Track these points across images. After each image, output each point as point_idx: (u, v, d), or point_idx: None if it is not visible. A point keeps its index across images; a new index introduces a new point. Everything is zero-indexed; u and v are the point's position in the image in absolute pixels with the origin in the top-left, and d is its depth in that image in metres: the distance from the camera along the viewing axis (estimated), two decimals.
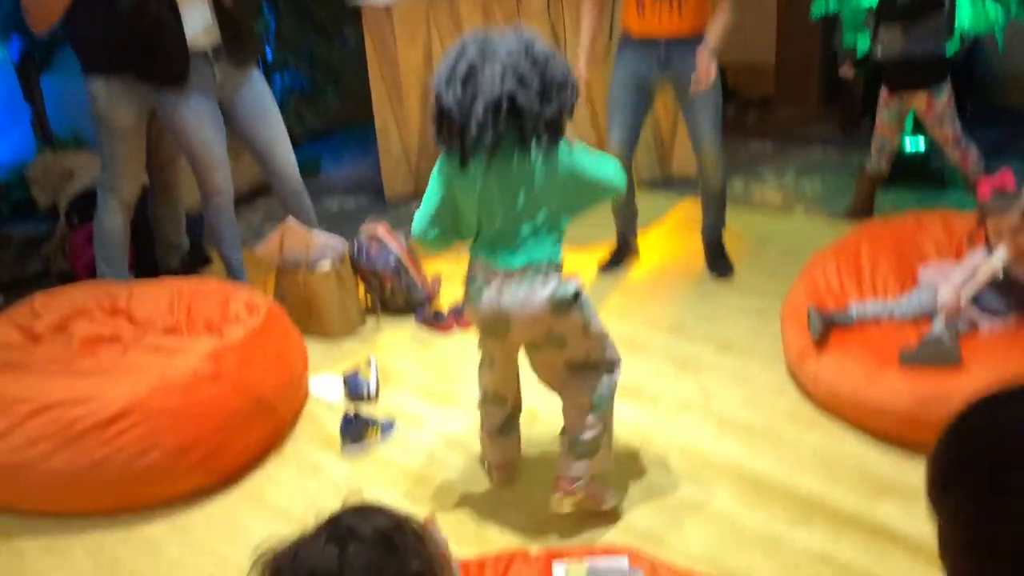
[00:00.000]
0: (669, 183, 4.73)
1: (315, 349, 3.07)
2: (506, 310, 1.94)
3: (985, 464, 0.73)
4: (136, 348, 2.68)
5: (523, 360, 2.18)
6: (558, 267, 1.98)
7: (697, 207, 3.62)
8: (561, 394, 2.14)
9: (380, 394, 2.85)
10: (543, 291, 1.92)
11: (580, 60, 3.22)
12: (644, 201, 3.83)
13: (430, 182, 1.99)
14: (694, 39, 3.08)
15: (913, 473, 2.29)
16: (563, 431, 2.17)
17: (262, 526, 2.29)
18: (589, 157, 1.99)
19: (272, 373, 2.63)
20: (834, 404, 2.54)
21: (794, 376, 2.74)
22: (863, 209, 4.05)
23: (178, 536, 2.33)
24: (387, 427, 2.63)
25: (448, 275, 3.66)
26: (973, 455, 0.75)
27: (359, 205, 4.90)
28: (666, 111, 4.60)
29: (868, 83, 4.70)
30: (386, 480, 2.47)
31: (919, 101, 3.79)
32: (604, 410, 2.12)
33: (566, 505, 2.14)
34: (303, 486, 2.48)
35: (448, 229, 2.01)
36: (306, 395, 2.87)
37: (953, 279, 2.56)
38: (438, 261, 3.83)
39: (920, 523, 2.10)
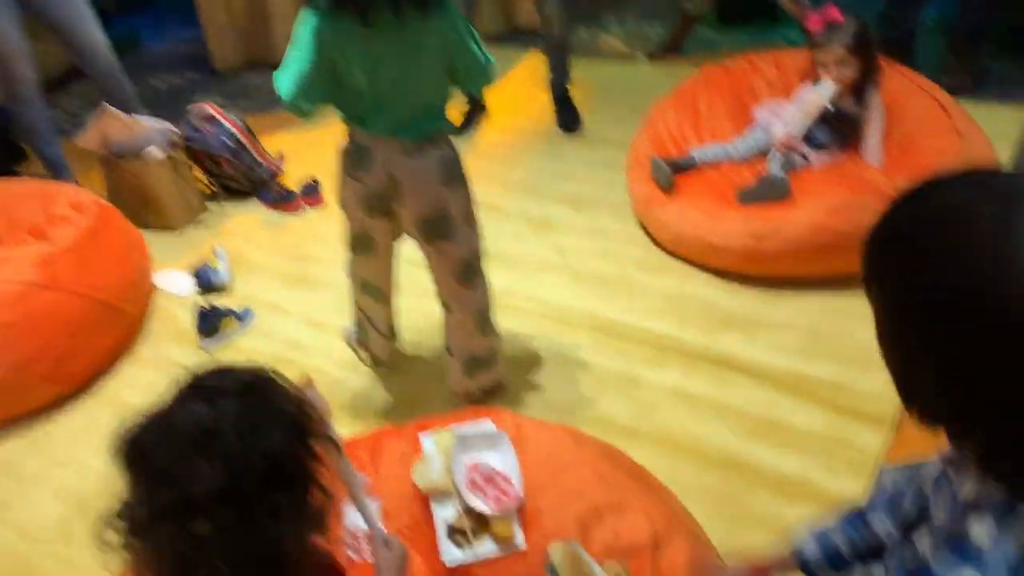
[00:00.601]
0: (515, 36, 4.62)
1: (157, 243, 2.91)
2: (399, 180, 1.84)
3: (907, 251, 0.72)
4: None
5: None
6: (447, 137, 1.90)
7: (543, 62, 3.58)
8: (449, 307, 2.10)
9: (233, 283, 2.76)
10: (436, 158, 1.85)
11: None
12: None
13: (296, 43, 1.74)
14: None
15: (753, 305, 2.46)
16: (452, 349, 2.14)
17: None
18: (475, 37, 1.87)
19: (112, 273, 2.49)
20: (680, 247, 2.66)
21: (642, 224, 2.84)
22: (675, 46, 4.19)
23: (37, 451, 2.24)
24: (245, 316, 2.57)
25: (292, 151, 3.51)
26: (894, 243, 0.75)
27: (187, 80, 4.55)
28: None
29: None
30: None
31: None
32: (492, 319, 2.14)
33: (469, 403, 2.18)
34: (163, 385, 2.41)
35: (326, 95, 1.80)
36: (153, 292, 2.74)
37: (785, 116, 2.67)
38: (280, 136, 3.66)
39: (761, 350, 2.29)
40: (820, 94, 2.61)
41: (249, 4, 4.40)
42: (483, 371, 2.16)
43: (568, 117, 3.56)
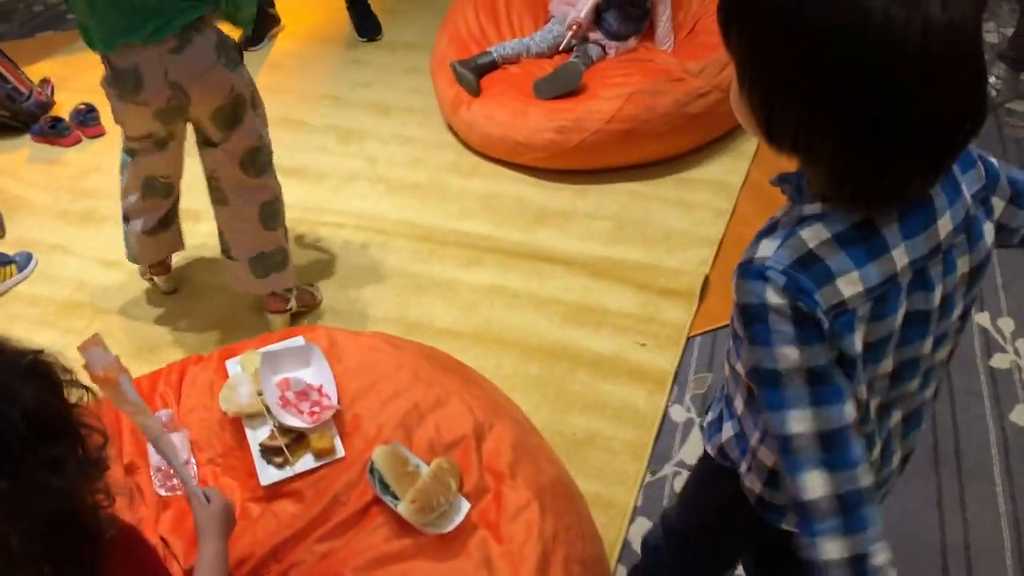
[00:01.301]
0: None
1: None
2: (181, 83, 1.68)
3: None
4: None
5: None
6: (210, 22, 1.71)
7: None
8: (227, 200, 1.93)
9: (6, 229, 2.48)
10: (211, 44, 1.69)
11: None
12: None
13: None
14: None
15: (563, 198, 2.49)
16: (232, 249, 1.98)
17: None
18: None
19: None
20: (489, 148, 2.63)
21: (451, 127, 2.79)
22: None
23: None
24: (23, 261, 2.33)
25: (60, 76, 3.16)
26: None
27: None
28: None
29: None
30: (35, 318, 2.21)
31: None
32: (281, 215, 2.00)
33: (280, 323, 2.06)
34: None
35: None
36: None
37: (578, 5, 2.67)
38: (45, 63, 3.29)
39: (573, 240, 2.34)
40: None
41: None
42: (275, 272, 2.00)
43: (368, 24, 3.40)
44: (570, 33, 2.64)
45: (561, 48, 2.74)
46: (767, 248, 0.79)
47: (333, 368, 1.56)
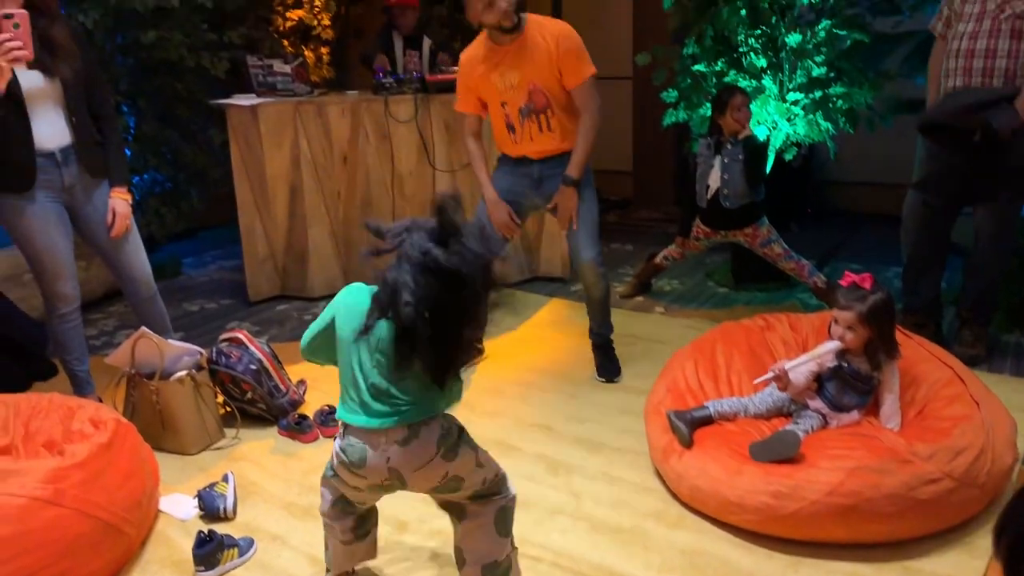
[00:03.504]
0: (537, 283, 4.85)
1: (168, 464, 2.89)
2: (400, 471, 1.88)
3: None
4: None
5: None
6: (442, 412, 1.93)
7: (564, 307, 3.72)
8: (464, 515, 2.04)
9: (238, 511, 2.70)
10: (433, 439, 1.87)
11: (487, 190, 3.40)
12: (513, 300, 3.90)
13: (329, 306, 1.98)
14: (566, 156, 3.26)
15: (772, 567, 2.35)
16: (465, 555, 2.05)
17: None
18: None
19: (119, 493, 2.44)
20: (697, 501, 2.59)
21: (659, 474, 2.79)
22: (639, 292, 4.64)
23: None
24: (245, 546, 2.48)
25: (314, 378, 3.57)
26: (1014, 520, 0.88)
27: (222, 306, 4.74)
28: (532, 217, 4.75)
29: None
30: None
31: (741, 235, 4.19)
32: (510, 527, 2.08)
33: None
34: None
35: (330, 358, 2.00)
36: (157, 515, 2.68)
37: (796, 371, 2.72)
38: (305, 364, 3.73)
39: None
40: (827, 348, 2.67)
41: (288, 242, 4.69)
42: None
43: (608, 367, 3.62)
44: (772, 375, 2.68)
45: (781, 412, 2.75)
46: None
47: None
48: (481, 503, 2.02)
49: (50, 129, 2.88)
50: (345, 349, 1.90)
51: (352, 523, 2.15)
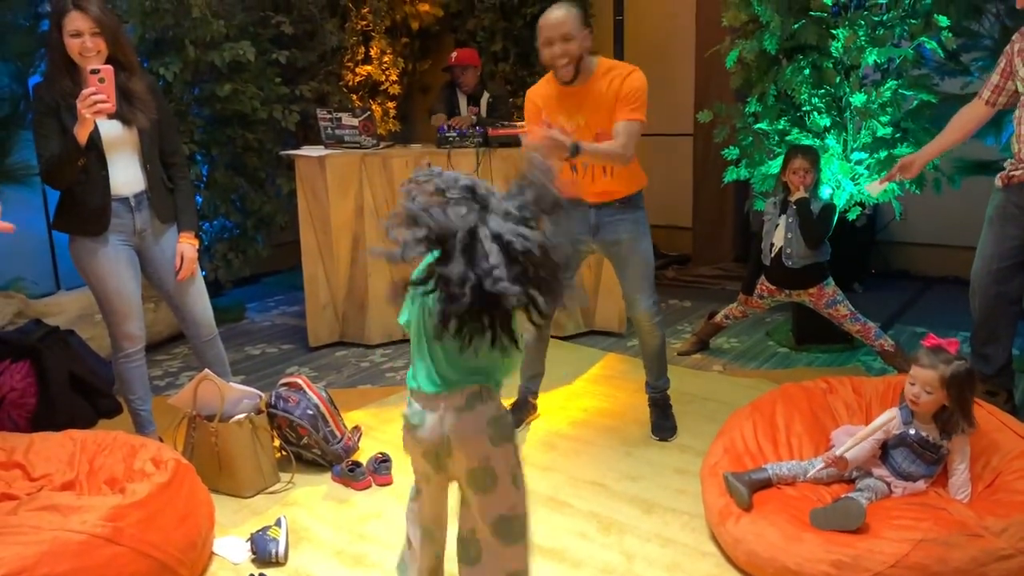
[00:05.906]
0: (593, 337, 4.83)
1: (223, 506, 2.93)
2: (451, 437, 1.89)
3: None
4: (29, 506, 2.50)
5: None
6: (495, 394, 1.95)
7: (620, 362, 3.69)
8: (476, 560, 2.00)
9: (289, 556, 2.71)
10: (486, 417, 1.89)
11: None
12: (569, 354, 3.89)
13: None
14: (623, 202, 3.26)
15: None
16: None
17: None
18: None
19: (176, 533, 2.48)
20: (754, 566, 2.51)
21: (715, 538, 2.72)
22: (697, 350, 4.60)
23: None
24: None
25: (369, 425, 3.59)
26: None
27: (282, 351, 4.83)
28: (588, 268, 4.75)
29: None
30: None
31: (806, 295, 4.14)
32: None
33: None
34: None
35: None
36: (210, 556, 2.70)
37: (848, 442, 2.65)
38: (360, 411, 3.77)
39: None
40: (884, 419, 2.59)
41: (348, 289, 4.77)
42: None
43: (664, 425, 3.56)
44: (824, 467, 2.63)
45: (843, 477, 2.67)
46: None
47: None
48: (500, 542, 1.95)
49: (126, 175, 3.03)
50: (415, 313, 1.92)
51: (431, 561, 2.16)
